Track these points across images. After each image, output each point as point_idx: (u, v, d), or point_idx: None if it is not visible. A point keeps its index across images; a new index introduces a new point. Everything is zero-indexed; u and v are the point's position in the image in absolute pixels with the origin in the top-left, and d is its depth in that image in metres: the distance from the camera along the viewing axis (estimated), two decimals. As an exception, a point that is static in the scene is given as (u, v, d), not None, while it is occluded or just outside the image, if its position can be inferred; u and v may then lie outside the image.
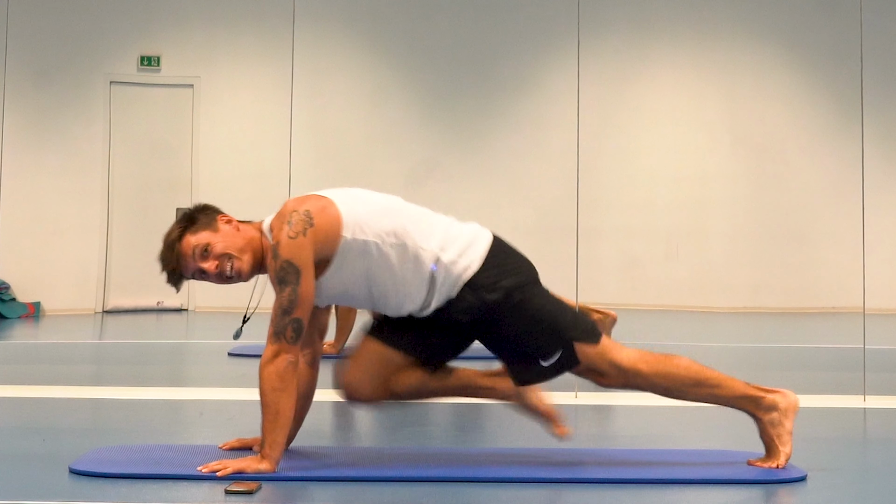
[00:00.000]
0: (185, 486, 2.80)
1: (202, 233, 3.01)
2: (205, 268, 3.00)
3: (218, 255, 3.00)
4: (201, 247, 2.99)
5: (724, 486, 2.89)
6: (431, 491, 2.83)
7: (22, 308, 8.66)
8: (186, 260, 3.00)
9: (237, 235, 3.03)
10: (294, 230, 2.94)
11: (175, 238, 3.02)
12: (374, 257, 2.99)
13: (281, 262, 2.92)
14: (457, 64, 9.54)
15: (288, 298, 2.92)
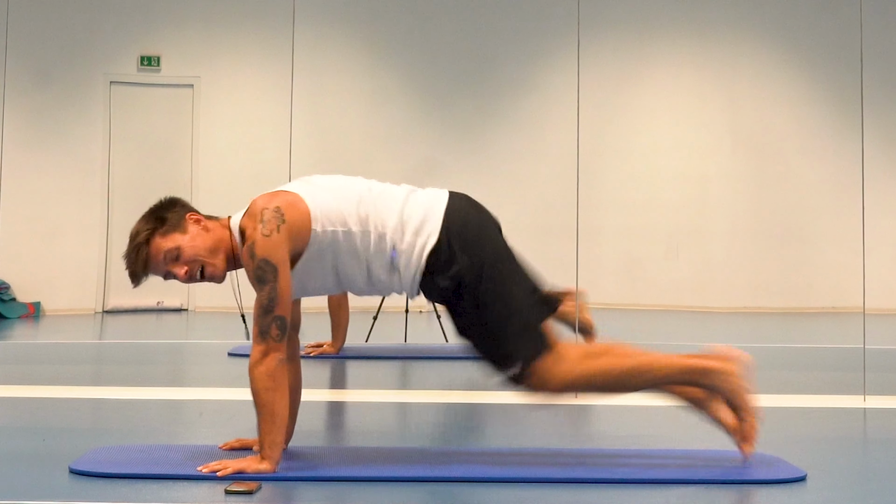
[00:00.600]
0: (185, 486, 2.80)
1: (172, 235, 2.98)
2: (175, 272, 2.98)
3: (188, 261, 2.98)
4: (172, 252, 2.97)
5: (724, 486, 2.89)
6: (431, 491, 2.84)
7: (22, 308, 8.66)
8: (155, 263, 2.98)
9: (206, 236, 3.00)
10: (268, 228, 2.92)
11: (143, 241, 2.97)
12: (342, 246, 2.99)
13: (258, 262, 2.91)
14: (457, 64, 9.55)
15: (268, 297, 2.90)
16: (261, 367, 2.89)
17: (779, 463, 3.09)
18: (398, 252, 2.99)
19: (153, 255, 2.97)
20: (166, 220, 3.00)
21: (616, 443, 3.56)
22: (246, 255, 2.94)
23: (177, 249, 2.97)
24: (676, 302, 9.42)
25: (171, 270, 2.98)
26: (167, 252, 2.96)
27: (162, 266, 2.97)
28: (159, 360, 6.29)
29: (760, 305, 9.45)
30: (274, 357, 2.89)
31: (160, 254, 2.96)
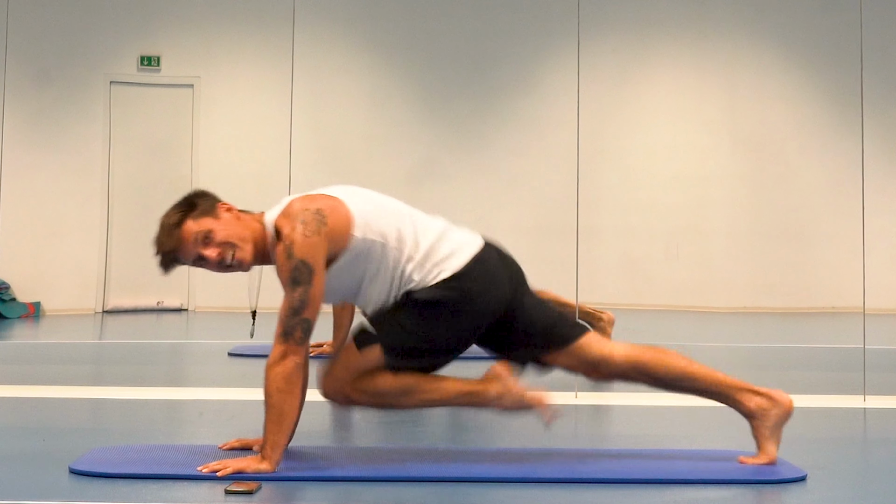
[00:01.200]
0: (185, 486, 2.80)
1: (204, 219, 2.99)
2: (206, 254, 2.96)
3: (220, 243, 2.97)
4: (203, 233, 2.96)
5: (724, 485, 2.89)
6: (431, 491, 2.83)
7: (22, 308, 8.66)
8: (187, 245, 2.97)
9: (238, 224, 3.00)
10: (309, 230, 2.91)
11: (175, 222, 2.98)
12: (378, 258, 3.00)
13: (296, 262, 2.89)
14: (457, 64, 9.54)
15: (299, 299, 2.89)
16: (278, 367, 2.88)
17: (779, 463, 3.09)
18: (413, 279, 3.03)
19: (185, 237, 2.97)
20: (197, 205, 3.02)
21: (616, 443, 3.56)
22: (282, 255, 2.92)
23: (209, 231, 2.96)
24: (676, 302, 9.42)
25: (202, 253, 2.96)
26: (199, 234, 2.96)
27: (192, 248, 2.96)
28: (159, 360, 6.29)
29: (760, 305, 9.45)
30: (293, 360, 2.89)
31: (191, 235, 2.96)
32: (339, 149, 9.17)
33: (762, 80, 9.65)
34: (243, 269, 3.01)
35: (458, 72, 9.55)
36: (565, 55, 8.89)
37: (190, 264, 3.02)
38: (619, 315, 5.43)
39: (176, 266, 3.02)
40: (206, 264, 2.99)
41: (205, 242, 2.97)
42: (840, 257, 9.09)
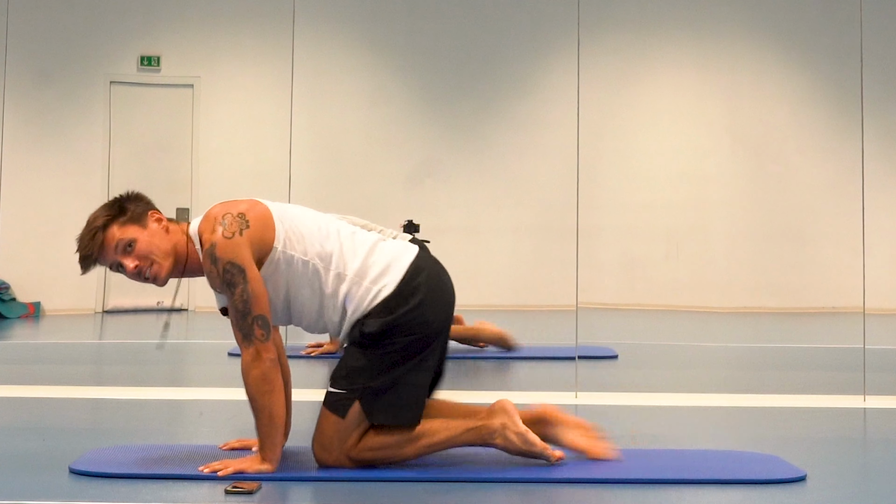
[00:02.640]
0: (185, 486, 2.80)
1: (130, 227, 2.95)
2: (124, 263, 2.93)
3: (140, 255, 2.93)
4: (125, 241, 2.93)
5: (724, 485, 2.89)
6: (431, 491, 2.83)
7: (22, 308, 8.66)
8: (107, 251, 2.94)
9: (164, 238, 2.96)
10: (229, 230, 2.88)
11: (100, 226, 2.94)
12: (299, 275, 2.95)
13: (223, 265, 2.86)
14: (457, 64, 9.54)
15: (241, 299, 2.85)
16: (254, 370, 2.85)
17: (779, 463, 3.09)
18: (350, 298, 2.95)
19: (107, 241, 2.93)
20: (127, 210, 2.97)
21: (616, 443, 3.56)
22: (207, 261, 2.88)
23: (132, 241, 2.92)
24: (676, 302, 9.42)
25: (121, 261, 2.92)
26: (121, 241, 2.92)
27: (113, 254, 2.93)
28: (159, 360, 6.29)
29: (760, 305, 9.45)
30: (266, 358, 2.86)
31: (114, 241, 2.93)
32: (339, 149, 9.17)
33: (762, 80, 9.65)
34: (158, 283, 2.95)
35: (458, 72, 9.54)
36: (565, 55, 8.89)
37: (108, 268, 2.99)
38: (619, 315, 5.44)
39: (94, 268, 2.98)
40: (124, 272, 2.96)
41: (125, 251, 2.94)
42: (840, 257, 9.09)
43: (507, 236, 9.05)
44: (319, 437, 2.96)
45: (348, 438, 2.94)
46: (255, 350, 2.86)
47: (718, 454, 3.26)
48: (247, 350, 2.87)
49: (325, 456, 2.95)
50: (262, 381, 2.86)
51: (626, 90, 9.69)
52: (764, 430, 3.90)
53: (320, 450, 2.95)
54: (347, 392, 2.94)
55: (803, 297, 9.45)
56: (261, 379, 2.86)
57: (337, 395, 2.96)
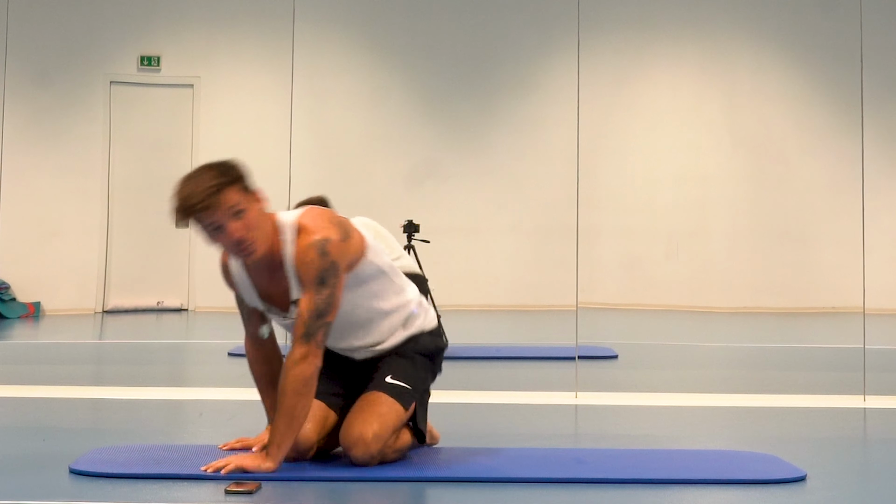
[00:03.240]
0: (185, 486, 2.80)
1: (247, 196, 2.87)
2: (230, 229, 2.84)
3: (248, 226, 2.85)
4: (239, 208, 2.84)
5: (724, 485, 2.89)
6: (431, 491, 2.84)
7: (22, 308, 8.66)
8: (218, 212, 2.82)
9: (265, 218, 2.92)
10: (341, 234, 2.93)
11: (217, 185, 2.82)
12: (380, 284, 3.07)
13: (330, 261, 2.89)
14: (457, 64, 9.54)
15: (325, 301, 2.88)
16: (298, 369, 2.86)
17: (779, 463, 3.09)
18: (418, 309, 3.16)
19: (224, 200, 2.82)
20: (242, 178, 2.88)
21: (616, 443, 3.56)
22: (315, 251, 2.89)
23: (245, 211, 2.84)
24: (676, 302, 9.42)
25: (227, 225, 2.83)
26: (236, 206, 2.83)
27: (221, 217, 2.82)
28: (159, 360, 6.29)
29: (760, 305, 9.45)
30: (313, 363, 2.87)
31: (230, 203, 2.82)
32: (339, 149, 9.18)
33: (762, 80, 9.65)
34: (248, 257, 2.90)
35: (458, 72, 9.55)
36: (565, 55, 8.89)
37: (201, 229, 2.88)
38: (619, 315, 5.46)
39: (186, 225, 2.88)
40: (221, 237, 2.86)
41: (235, 216, 2.83)
42: (840, 257, 9.09)
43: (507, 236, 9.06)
44: (375, 423, 2.95)
45: (395, 431, 3.01)
46: (309, 351, 2.87)
47: (718, 454, 3.26)
48: (301, 347, 2.86)
49: (375, 447, 2.94)
50: (301, 382, 2.86)
51: (626, 90, 9.70)
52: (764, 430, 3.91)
53: (373, 438, 2.93)
54: (412, 390, 3.05)
55: (803, 297, 9.45)
56: (301, 380, 2.86)
57: (402, 388, 3.04)
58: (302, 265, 2.90)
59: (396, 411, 3.00)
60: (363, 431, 2.93)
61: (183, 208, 2.82)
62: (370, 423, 2.94)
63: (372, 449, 2.93)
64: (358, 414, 2.98)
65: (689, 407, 4.39)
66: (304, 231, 2.92)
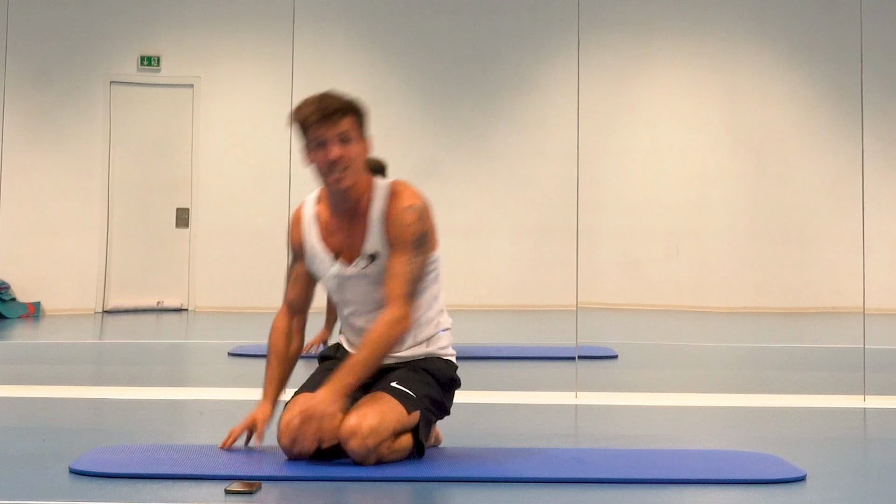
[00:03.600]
0: (185, 486, 2.80)
1: (359, 131, 3.06)
2: (332, 147, 3.02)
3: (348, 154, 3.03)
4: (348, 135, 3.03)
5: (724, 485, 2.89)
6: (432, 491, 2.84)
7: (22, 308, 8.66)
8: (331, 129, 3.01)
9: (363, 164, 3.08)
10: (432, 211, 3.10)
11: (344, 108, 3.03)
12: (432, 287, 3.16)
13: (426, 228, 3.06)
14: (457, 64, 9.55)
15: (420, 267, 3.04)
16: (397, 328, 3.02)
17: (779, 463, 3.09)
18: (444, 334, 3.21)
19: (340, 122, 3.01)
20: (363, 116, 3.09)
21: (616, 443, 3.56)
22: (414, 215, 3.05)
23: (352, 141, 3.03)
24: (676, 302, 9.42)
25: (330, 143, 3.01)
26: (348, 132, 3.03)
27: (332, 132, 3.01)
28: (159, 360, 6.29)
29: (760, 305, 9.45)
30: (407, 326, 3.04)
31: (344, 127, 3.02)
32: (339, 149, 9.17)
33: (762, 80, 9.65)
34: (337, 183, 3.04)
35: (458, 72, 9.55)
36: (565, 55, 8.89)
37: (305, 140, 3.06)
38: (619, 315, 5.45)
39: (300, 126, 3.05)
40: (321, 154, 3.03)
41: (341, 140, 3.02)
42: (840, 257, 9.09)
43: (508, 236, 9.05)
44: (374, 418, 2.95)
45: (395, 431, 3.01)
46: (407, 313, 3.02)
47: (718, 454, 3.26)
48: (401, 308, 3.01)
49: (371, 441, 2.93)
50: (395, 341, 3.01)
51: (626, 90, 9.70)
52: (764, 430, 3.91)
53: (370, 431, 2.93)
54: (417, 397, 3.06)
55: (804, 297, 9.45)
56: (396, 339, 3.01)
57: (406, 393, 3.05)
58: (400, 225, 3.04)
59: (398, 411, 3.00)
60: (360, 423, 2.94)
61: (301, 115, 3.04)
62: (369, 417, 2.95)
63: (368, 442, 2.92)
64: (358, 408, 2.99)
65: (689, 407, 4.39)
66: (398, 193, 3.08)
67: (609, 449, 3.41)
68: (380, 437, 2.95)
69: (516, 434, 3.76)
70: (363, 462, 2.95)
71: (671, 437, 3.77)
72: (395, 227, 3.04)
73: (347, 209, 3.11)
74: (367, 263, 3.09)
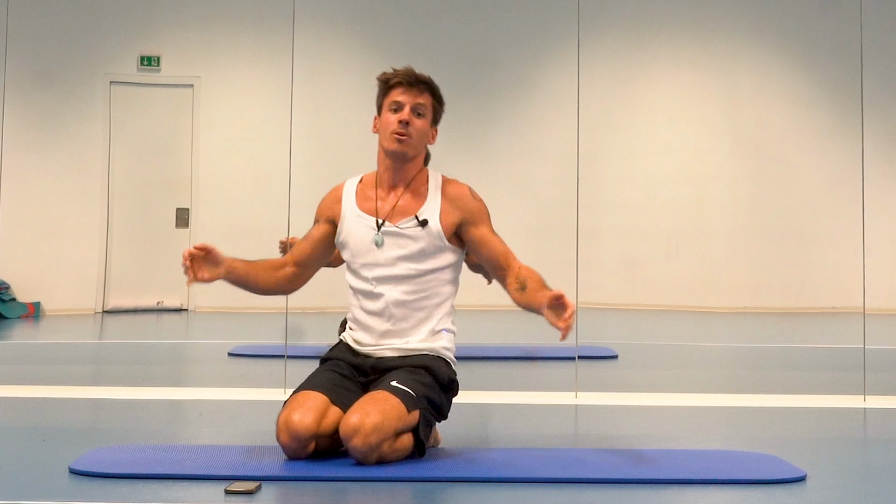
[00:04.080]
0: (185, 486, 2.80)
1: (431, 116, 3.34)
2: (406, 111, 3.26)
3: (416, 126, 3.27)
4: (420, 110, 3.30)
5: (724, 485, 2.89)
6: (430, 491, 2.84)
7: (22, 308, 8.66)
8: (413, 96, 3.30)
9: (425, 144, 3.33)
10: None
11: (430, 87, 3.35)
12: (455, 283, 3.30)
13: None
14: (457, 64, 9.54)
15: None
16: (529, 268, 3.25)
17: (779, 463, 3.09)
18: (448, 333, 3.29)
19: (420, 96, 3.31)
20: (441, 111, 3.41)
21: (616, 443, 3.56)
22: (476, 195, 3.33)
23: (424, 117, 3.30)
24: (676, 302, 9.42)
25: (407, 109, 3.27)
26: (422, 106, 3.31)
27: (411, 99, 3.29)
28: (159, 360, 6.29)
29: (760, 305, 9.45)
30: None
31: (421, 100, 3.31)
32: (339, 149, 9.17)
33: (762, 80, 9.65)
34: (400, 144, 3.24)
35: (458, 72, 9.54)
36: (565, 55, 8.89)
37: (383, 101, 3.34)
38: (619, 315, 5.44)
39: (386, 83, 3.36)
40: (392, 116, 3.27)
41: (415, 111, 3.28)
42: (840, 257, 9.09)
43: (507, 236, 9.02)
44: (376, 416, 2.96)
45: (396, 430, 3.01)
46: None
47: (718, 454, 3.26)
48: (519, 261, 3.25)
49: (374, 438, 2.94)
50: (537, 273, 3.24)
51: (625, 90, 9.69)
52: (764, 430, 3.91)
53: (372, 429, 2.94)
54: (417, 397, 3.07)
55: (803, 297, 9.45)
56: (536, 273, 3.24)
57: (407, 392, 3.06)
58: (471, 200, 3.29)
59: (399, 410, 3.00)
60: (363, 421, 2.94)
61: (388, 75, 3.36)
62: (371, 415, 2.96)
63: (371, 440, 2.93)
64: (359, 406, 3.00)
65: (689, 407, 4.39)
66: (451, 181, 3.33)
67: (609, 449, 3.40)
68: (382, 434, 2.95)
69: (516, 434, 3.76)
70: (364, 460, 2.95)
71: (671, 437, 3.77)
72: (472, 203, 3.29)
73: (400, 179, 3.29)
74: (416, 224, 3.24)
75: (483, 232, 3.26)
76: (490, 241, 3.26)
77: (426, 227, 3.22)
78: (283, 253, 4.87)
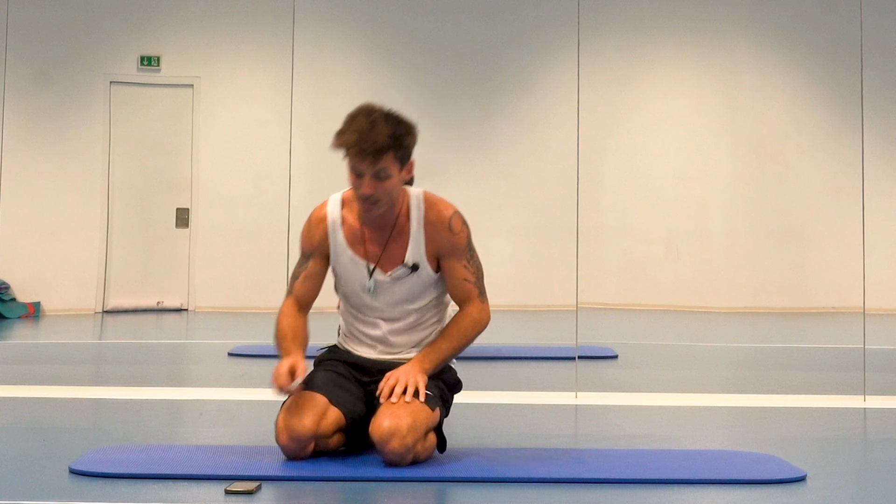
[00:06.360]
0: (185, 486, 2.80)
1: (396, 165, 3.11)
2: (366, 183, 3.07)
3: (382, 189, 3.07)
4: (384, 172, 3.08)
5: (724, 485, 2.89)
6: (431, 491, 2.84)
7: (22, 308, 8.66)
8: (367, 163, 3.05)
9: (400, 189, 3.16)
10: None
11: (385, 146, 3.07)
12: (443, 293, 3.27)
13: (469, 231, 3.22)
14: (457, 64, 9.54)
15: (479, 264, 3.23)
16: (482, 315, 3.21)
17: (779, 463, 3.09)
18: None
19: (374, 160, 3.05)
20: (404, 148, 3.14)
21: (616, 443, 3.56)
22: (460, 222, 3.21)
23: (390, 178, 3.09)
24: (676, 302, 9.42)
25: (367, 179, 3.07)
26: (383, 170, 3.07)
27: (367, 168, 3.06)
28: (159, 360, 6.29)
29: (760, 305, 9.45)
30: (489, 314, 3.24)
31: (379, 165, 3.06)
32: (339, 149, 9.17)
33: (762, 80, 9.65)
34: (368, 211, 3.12)
35: (458, 72, 9.54)
36: (565, 55, 8.89)
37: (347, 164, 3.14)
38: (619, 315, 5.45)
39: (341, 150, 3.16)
40: (357, 182, 3.10)
41: (377, 176, 3.07)
42: (840, 257, 9.09)
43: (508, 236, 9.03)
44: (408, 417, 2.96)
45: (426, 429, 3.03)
46: (486, 306, 3.22)
47: (718, 454, 3.26)
48: (480, 304, 3.20)
49: (410, 439, 2.95)
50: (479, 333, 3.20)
51: (626, 90, 9.69)
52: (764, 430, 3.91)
53: (408, 430, 2.94)
54: (434, 395, 3.10)
55: (803, 297, 9.45)
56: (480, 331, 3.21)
57: (427, 393, 3.08)
58: (452, 233, 3.17)
59: (425, 409, 3.03)
60: (398, 424, 2.95)
61: (342, 141, 3.13)
62: (403, 417, 2.97)
63: (408, 441, 2.94)
64: (387, 410, 3.00)
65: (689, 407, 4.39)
66: (433, 204, 3.21)
67: (609, 449, 3.40)
68: (417, 434, 2.98)
69: (516, 434, 3.76)
70: (400, 463, 2.95)
71: (671, 437, 3.77)
72: (448, 236, 3.17)
73: (387, 224, 3.19)
74: (408, 273, 3.16)
75: (453, 265, 3.19)
76: (457, 276, 3.20)
77: (417, 271, 3.18)
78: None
